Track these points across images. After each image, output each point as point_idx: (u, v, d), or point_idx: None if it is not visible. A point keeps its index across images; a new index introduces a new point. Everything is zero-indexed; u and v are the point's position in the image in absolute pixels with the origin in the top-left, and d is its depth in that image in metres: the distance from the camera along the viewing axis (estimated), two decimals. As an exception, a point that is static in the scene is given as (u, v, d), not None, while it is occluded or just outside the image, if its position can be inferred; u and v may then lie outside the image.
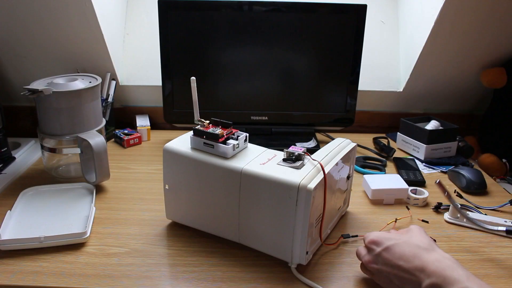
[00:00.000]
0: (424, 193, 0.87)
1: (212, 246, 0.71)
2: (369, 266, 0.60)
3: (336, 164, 0.68)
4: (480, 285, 0.49)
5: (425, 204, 0.86)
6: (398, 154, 1.11)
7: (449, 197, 0.69)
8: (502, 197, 0.90)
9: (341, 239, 0.73)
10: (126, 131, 1.16)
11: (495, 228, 0.75)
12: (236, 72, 1.09)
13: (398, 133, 1.15)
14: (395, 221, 0.78)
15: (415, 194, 0.87)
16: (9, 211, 0.77)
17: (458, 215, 0.80)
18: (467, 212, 0.81)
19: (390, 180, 0.88)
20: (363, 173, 0.98)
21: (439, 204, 0.84)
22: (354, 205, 0.85)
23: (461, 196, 0.88)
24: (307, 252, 0.64)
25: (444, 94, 1.25)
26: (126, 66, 1.24)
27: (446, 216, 0.81)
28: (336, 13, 1.04)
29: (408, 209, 0.84)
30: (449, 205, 0.81)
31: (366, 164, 1.03)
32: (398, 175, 0.91)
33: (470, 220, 0.75)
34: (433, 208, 0.84)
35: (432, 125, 1.10)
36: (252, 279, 0.64)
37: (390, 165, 1.05)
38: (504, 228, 0.74)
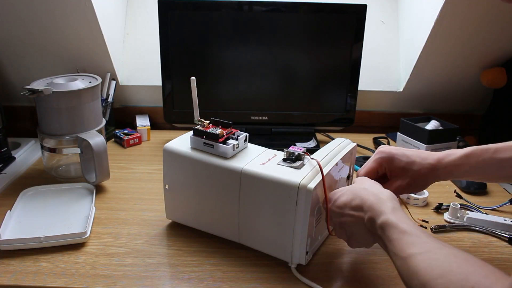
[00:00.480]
0: (424, 193, 0.87)
1: (212, 246, 0.71)
2: (331, 225, 0.64)
3: (336, 164, 0.68)
4: (400, 218, 0.52)
5: (425, 204, 0.86)
6: (398, 154, 1.11)
7: None
8: (502, 197, 0.90)
9: None
10: (126, 131, 1.16)
11: (499, 232, 0.76)
12: (236, 72, 1.09)
13: (398, 133, 1.15)
14: None
15: (415, 194, 0.87)
16: (9, 211, 0.77)
17: (458, 215, 0.80)
18: (467, 211, 0.81)
19: (390, 180, 0.88)
20: None
21: (440, 205, 0.84)
22: (354, 205, 0.85)
23: (460, 197, 0.88)
24: (307, 252, 0.64)
25: (444, 94, 1.25)
26: (126, 66, 1.24)
27: (446, 216, 0.81)
28: (336, 13, 1.04)
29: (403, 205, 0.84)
30: (449, 205, 0.82)
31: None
32: None
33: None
34: (433, 209, 0.84)
35: (432, 125, 1.10)
36: (252, 279, 0.64)
37: (390, 165, 1.05)
38: (507, 235, 0.75)
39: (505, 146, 0.63)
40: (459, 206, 0.81)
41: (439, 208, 0.84)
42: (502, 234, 0.75)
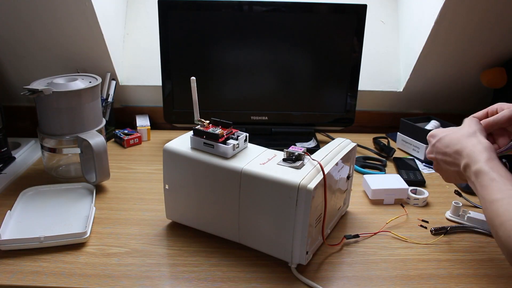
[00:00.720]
0: (424, 193, 0.87)
1: (212, 246, 0.71)
2: (428, 156, 0.71)
3: (336, 164, 0.68)
4: (493, 167, 0.58)
5: (425, 204, 0.86)
6: (398, 154, 1.11)
7: None
8: (502, 197, 0.90)
9: (344, 239, 0.73)
10: (126, 131, 1.16)
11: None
12: (236, 72, 1.09)
13: (398, 133, 1.15)
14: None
15: (415, 194, 0.87)
16: (9, 211, 0.77)
17: (460, 213, 0.80)
18: (468, 211, 0.81)
19: (390, 180, 0.88)
20: (363, 173, 0.98)
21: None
22: (354, 205, 0.85)
23: (460, 194, 0.88)
24: (307, 252, 0.64)
25: (444, 94, 1.25)
26: (126, 66, 1.24)
27: (448, 214, 0.81)
28: (336, 13, 1.04)
29: (403, 206, 0.84)
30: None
31: (366, 164, 1.03)
32: (398, 175, 0.91)
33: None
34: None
35: (432, 125, 1.10)
36: (252, 279, 0.64)
37: (390, 165, 1.05)
38: None
39: None
40: (461, 204, 0.81)
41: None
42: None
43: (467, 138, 0.64)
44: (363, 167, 1.02)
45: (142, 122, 1.20)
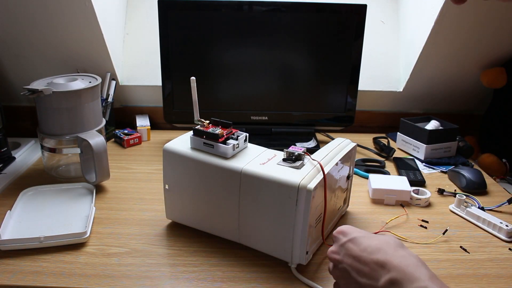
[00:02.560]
0: (426, 193, 0.87)
1: (212, 246, 0.71)
2: (331, 256, 0.55)
3: (336, 164, 0.68)
4: (441, 286, 0.45)
5: (427, 205, 0.86)
6: (398, 154, 1.11)
7: None
8: (502, 197, 0.90)
9: None
10: (126, 131, 1.16)
11: (495, 233, 0.76)
12: (236, 72, 1.09)
13: (398, 133, 1.15)
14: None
15: (417, 194, 0.87)
16: (9, 211, 0.77)
17: (462, 206, 0.83)
18: (470, 204, 0.83)
19: (394, 181, 0.88)
20: (366, 177, 0.96)
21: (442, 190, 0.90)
22: (354, 205, 0.85)
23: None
24: (307, 252, 0.64)
25: (444, 94, 1.25)
26: (126, 66, 1.24)
27: (451, 206, 0.84)
28: (336, 13, 1.04)
29: (403, 206, 0.84)
30: (451, 193, 0.87)
31: (369, 169, 1.01)
32: (405, 178, 0.90)
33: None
34: (437, 191, 0.91)
35: (432, 125, 1.10)
36: (252, 279, 0.64)
37: (390, 165, 1.05)
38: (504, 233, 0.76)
39: None
40: (464, 197, 0.83)
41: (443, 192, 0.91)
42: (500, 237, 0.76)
43: (393, 247, 0.50)
44: (366, 171, 0.98)
45: (142, 122, 1.20)
